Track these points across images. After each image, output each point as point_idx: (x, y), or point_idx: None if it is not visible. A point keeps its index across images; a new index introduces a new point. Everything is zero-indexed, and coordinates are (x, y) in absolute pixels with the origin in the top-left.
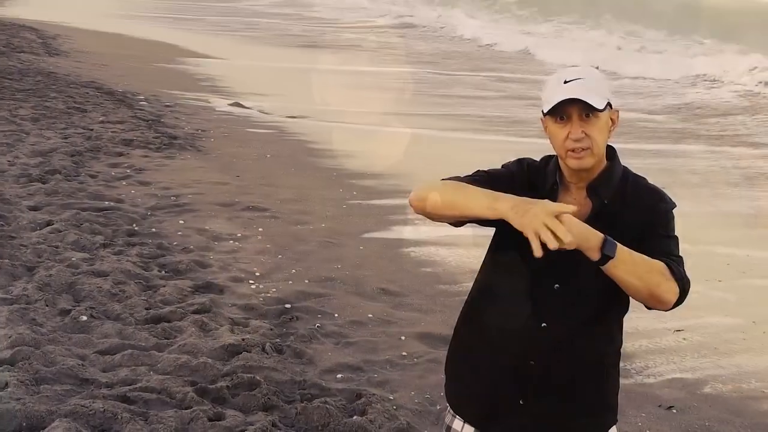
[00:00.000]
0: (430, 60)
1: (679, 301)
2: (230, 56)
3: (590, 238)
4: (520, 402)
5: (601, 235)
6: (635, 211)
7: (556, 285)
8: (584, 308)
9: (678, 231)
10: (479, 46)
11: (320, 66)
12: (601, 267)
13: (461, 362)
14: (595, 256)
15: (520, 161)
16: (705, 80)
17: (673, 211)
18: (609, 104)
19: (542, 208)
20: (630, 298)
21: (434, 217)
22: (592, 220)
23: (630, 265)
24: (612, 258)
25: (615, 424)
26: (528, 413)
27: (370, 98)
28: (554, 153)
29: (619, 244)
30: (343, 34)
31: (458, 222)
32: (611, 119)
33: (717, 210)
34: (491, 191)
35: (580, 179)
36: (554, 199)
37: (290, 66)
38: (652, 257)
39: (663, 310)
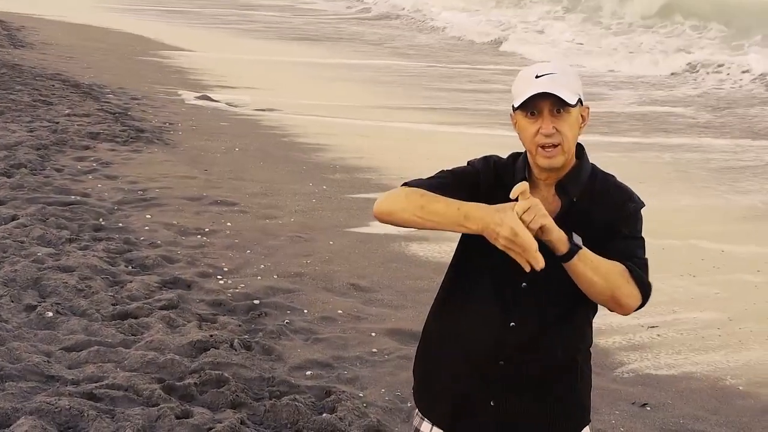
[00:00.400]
0: (403, 52)
1: (640, 306)
2: (203, 48)
3: (560, 234)
4: (491, 403)
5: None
6: (603, 209)
7: (524, 284)
8: (553, 307)
9: (652, 225)
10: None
11: (293, 58)
12: (564, 264)
13: (430, 363)
14: (563, 248)
15: (486, 158)
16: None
17: (642, 210)
18: (580, 100)
19: (508, 230)
20: None
21: (400, 225)
22: (561, 218)
23: (595, 262)
24: (579, 249)
25: (588, 423)
26: (499, 414)
27: (343, 91)
28: (522, 150)
29: (582, 246)
30: (321, 26)
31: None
32: (582, 116)
33: (691, 203)
34: (457, 204)
35: (549, 176)
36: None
37: (262, 58)
38: (616, 258)
39: (622, 314)
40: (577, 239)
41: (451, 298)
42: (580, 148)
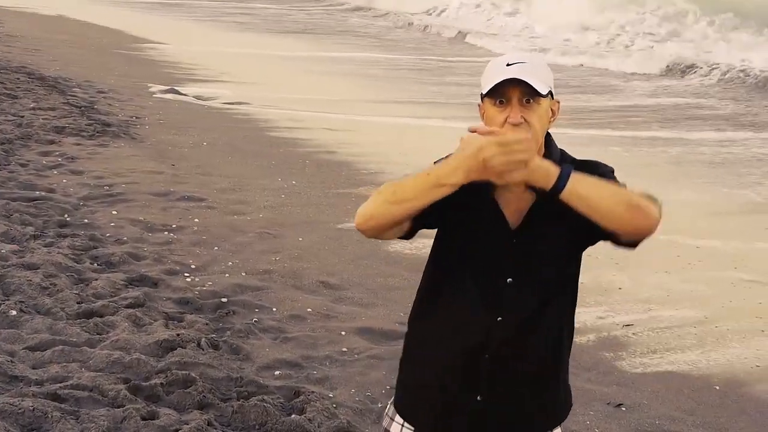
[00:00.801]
0: (378, 44)
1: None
2: (180, 41)
3: (547, 171)
4: (478, 398)
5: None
6: None
7: (509, 279)
8: (538, 302)
9: None
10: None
11: (266, 51)
12: (563, 197)
13: (415, 362)
14: (553, 179)
15: None
16: None
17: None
18: (551, 93)
19: (491, 145)
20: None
21: (385, 226)
22: (537, 210)
23: (592, 179)
24: (570, 173)
25: (564, 420)
26: (486, 409)
27: (316, 84)
28: None
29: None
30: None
31: (409, 232)
32: (552, 109)
33: (666, 198)
34: (425, 171)
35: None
36: (491, 190)
37: (239, 51)
38: None
39: (646, 235)
40: (567, 167)
41: (433, 296)
42: (547, 136)
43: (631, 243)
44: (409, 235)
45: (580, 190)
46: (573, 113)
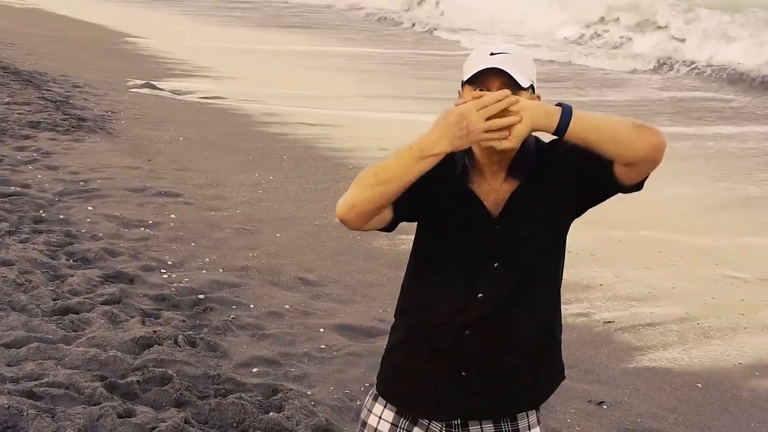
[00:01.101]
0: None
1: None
2: (158, 36)
3: (547, 111)
4: (462, 373)
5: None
6: (559, 167)
7: (496, 264)
8: (524, 285)
9: (606, 217)
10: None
11: (243, 45)
12: (569, 135)
13: (400, 352)
14: (556, 118)
15: None
16: None
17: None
18: (532, 87)
19: (472, 112)
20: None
21: (368, 214)
22: (517, 196)
23: (595, 115)
24: (571, 107)
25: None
26: (470, 385)
27: (295, 78)
28: None
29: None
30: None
31: (391, 223)
32: None
33: (647, 194)
34: (407, 146)
35: (492, 162)
36: (465, 182)
37: (217, 45)
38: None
39: (659, 156)
40: (566, 108)
41: (417, 289)
42: None
43: (638, 182)
44: (391, 226)
45: (588, 121)
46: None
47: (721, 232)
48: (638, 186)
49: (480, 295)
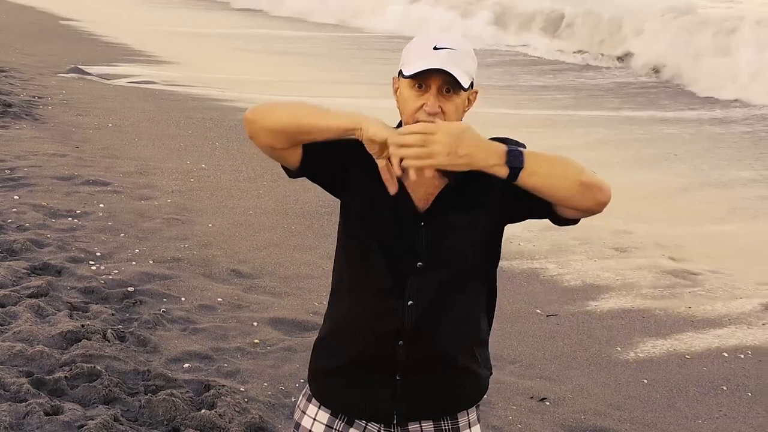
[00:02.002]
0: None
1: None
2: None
3: (491, 154)
4: (397, 377)
5: (502, 146)
6: (499, 182)
7: (419, 263)
8: (449, 284)
9: None
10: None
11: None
12: (514, 183)
13: (330, 348)
14: (502, 172)
15: None
16: None
17: None
18: (472, 83)
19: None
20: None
21: (272, 136)
22: (448, 193)
23: (546, 165)
24: (522, 169)
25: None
26: (405, 388)
27: (226, 62)
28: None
29: (523, 150)
30: None
31: (300, 169)
32: (469, 99)
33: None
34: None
35: None
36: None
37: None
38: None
39: (602, 206)
40: (516, 154)
41: (343, 284)
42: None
43: (574, 219)
44: (295, 172)
45: (532, 179)
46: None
47: (668, 223)
48: (575, 222)
49: (410, 302)
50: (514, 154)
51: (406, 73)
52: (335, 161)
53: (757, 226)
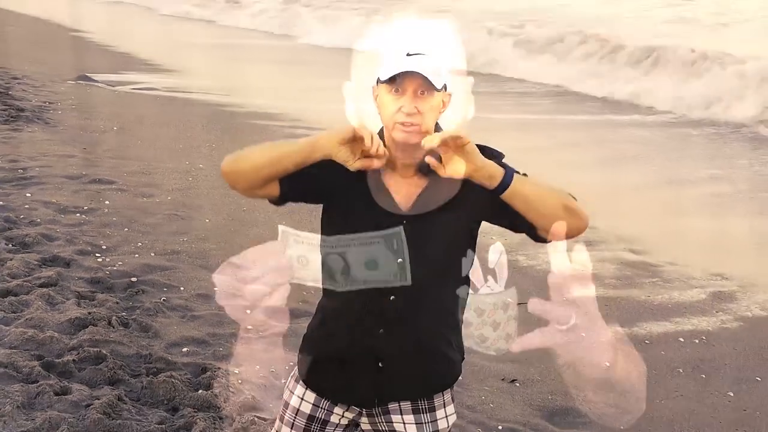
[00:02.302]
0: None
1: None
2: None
3: (496, 170)
4: (379, 365)
5: (500, 168)
6: (479, 189)
7: (399, 260)
8: (429, 279)
9: None
10: None
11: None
12: (502, 197)
13: (316, 339)
14: (496, 181)
15: None
16: None
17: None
18: (445, 86)
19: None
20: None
21: (249, 179)
22: (428, 193)
23: (533, 186)
24: (513, 175)
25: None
26: (386, 373)
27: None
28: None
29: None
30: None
31: (281, 197)
32: (443, 101)
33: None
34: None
35: (406, 155)
36: (379, 175)
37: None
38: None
39: (576, 236)
40: (509, 171)
41: (328, 278)
42: (436, 127)
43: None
44: (278, 200)
45: (523, 192)
46: None
47: (630, 219)
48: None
49: (392, 297)
50: (509, 169)
51: (382, 79)
52: (311, 179)
53: (712, 221)
